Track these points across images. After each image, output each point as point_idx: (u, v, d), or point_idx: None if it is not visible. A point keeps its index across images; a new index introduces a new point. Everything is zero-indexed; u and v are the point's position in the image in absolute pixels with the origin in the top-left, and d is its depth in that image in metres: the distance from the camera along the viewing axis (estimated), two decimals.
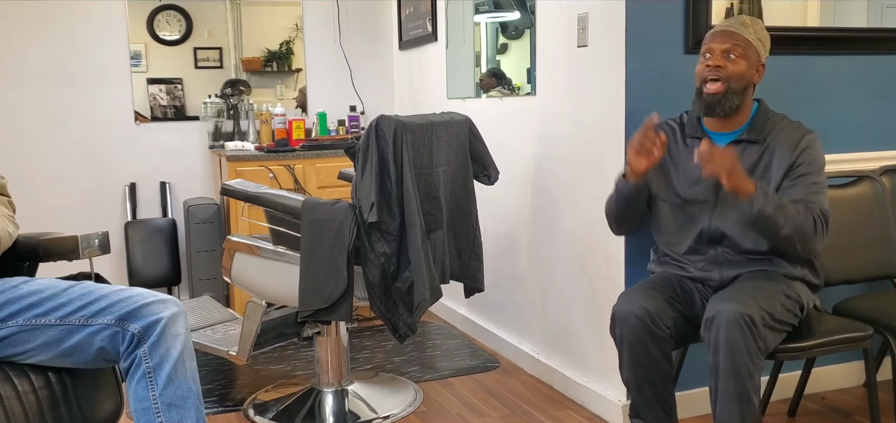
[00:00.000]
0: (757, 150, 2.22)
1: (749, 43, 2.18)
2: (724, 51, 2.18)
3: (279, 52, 4.54)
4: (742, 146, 2.22)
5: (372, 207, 2.42)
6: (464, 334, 3.81)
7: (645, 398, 2.17)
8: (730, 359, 1.95)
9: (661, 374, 2.15)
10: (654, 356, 2.12)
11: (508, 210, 3.39)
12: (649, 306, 2.11)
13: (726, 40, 2.18)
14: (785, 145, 2.19)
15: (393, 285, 2.51)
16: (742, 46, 2.17)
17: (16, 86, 3.98)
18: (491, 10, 3.79)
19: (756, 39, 2.20)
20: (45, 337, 1.70)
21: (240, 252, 2.74)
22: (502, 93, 3.61)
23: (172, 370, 1.68)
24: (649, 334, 2.10)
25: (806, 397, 2.77)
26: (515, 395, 3.02)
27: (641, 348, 2.11)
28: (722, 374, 1.97)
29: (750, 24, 2.21)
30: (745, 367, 1.95)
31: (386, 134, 2.46)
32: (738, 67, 2.17)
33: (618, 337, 2.16)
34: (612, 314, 2.17)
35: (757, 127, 2.24)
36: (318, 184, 3.88)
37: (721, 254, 2.24)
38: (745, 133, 2.24)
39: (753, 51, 2.19)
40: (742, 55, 2.17)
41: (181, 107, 4.39)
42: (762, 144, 2.22)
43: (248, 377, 3.24)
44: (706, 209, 2.24)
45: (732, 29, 2.20)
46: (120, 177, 4.23)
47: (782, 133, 2.22)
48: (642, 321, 2.09)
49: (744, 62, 2.17)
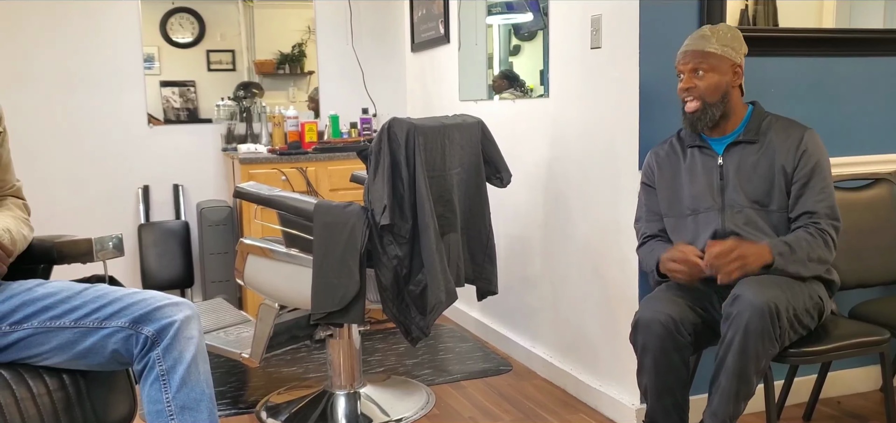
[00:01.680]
0: (754, 149, 2.25)
1: (712, 55, 2.21)
2: (691, 70, 2.23)
3: (292, 54, 4.55)
4: (740, 147, 2.25)
5: (384, 209, 2.42)
6: (476, 337, 3.81)
7: (664, 406, 2.16)
8: (743, 337, 1.96)
9: (680, 381, 2.15)
10: (675, 364, 2.12)
11: (521, 213, 3.38)
12: (673, 313, 2.10)
13: (689, 60, 2.24)
14: (785, 146, 2.22)
15: (405, 288, 2.51)
16: (707, 61, 2.21)
17: (31, 90, 4.01)
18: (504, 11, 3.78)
19: (721, 47, 2.21)
20: (59, 340, 1.71)
21: (253, 255, 2.74)
22: (515, 95, 3.60)
23: (186, 372, 1.68)
24: (672, 342, 2.09)
25: (821, 401, 2.75)
26: (528, 399, 3.01)
27: (664, 355, 2.10)
28: (732, 351, 1.98)
29: (711, 34, 2.23)
30: (755, 349, 1.97)
31: (398, 137, 2.45)
32: (708, 81, 2.21)
33: (640, 344, 2.15)
34: (635, 321, 2.15)
35: (752, 128, 2.27)
36: (331, 186, 3.88)
37: None
38: (741, 135, 2.27)
39: (720, 60, 2.21)
40: (709, 69, 2.21)
41: (194, 109, 4.41)
42: (760, 143, 2.25)
43: (260, 380, 3.25)
44: (714, 212, 2.25)
45: (693, 47, 2.23)
46: (133, 179, 4.25)
47: (780, 133, 2.24)
48: (666, 329, 2.08)
49: (713, 74, 2.21)
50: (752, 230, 2.20)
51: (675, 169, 2.33)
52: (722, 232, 2.23)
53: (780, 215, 2.22)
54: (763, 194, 2.22)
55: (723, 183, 2.25)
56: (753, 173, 2.23)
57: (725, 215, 2.23)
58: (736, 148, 2.26)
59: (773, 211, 2.22)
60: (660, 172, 2.36)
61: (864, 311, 2.47)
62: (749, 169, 2.23)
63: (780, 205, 2.22)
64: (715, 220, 2.24)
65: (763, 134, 2.25)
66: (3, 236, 1.75)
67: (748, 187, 2.23)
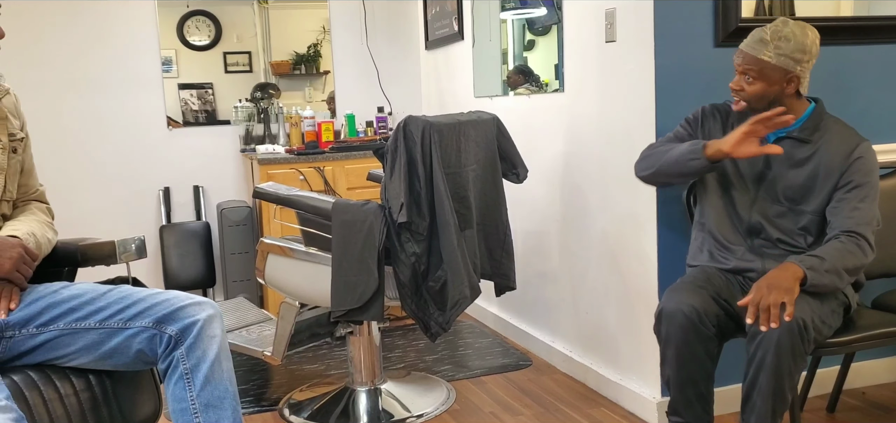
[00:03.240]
0: (806, 149, 2.19)
1: (765, 64, 2.12)
2: (741, 72, 2.17)
3: (307, 54, 4.58)
4: (790, 142, 2.20)
5: (401, 207, 2.43)
6: (495, 332, 3.81)
7: (686, 398, 2.15)
8: (775, 357, 1.92)
9: (704, 373, 2.13)
10: (698, 355, 2.10)
11: (538, 208, 3.38)
12: (696, 304, 2.08)
13: (741, 61, 2.17)
14: (837, 153, 2.16)
15: (424, 285, 2.52)
16: (756, 69, 2.13)
17: (52, 96, 4.06)
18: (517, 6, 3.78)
19: (777, 56, 2.11)
20: (85, 341, 1.73)
21: (273, 254, 2.77)
22: (530, 90, 3.60)
23: (209, 371, 1.70)
24: (696, 333, 2.08)
25: (845, 392, 2.73)
26: (548, 393, 3.02)
27: (687, 347, 2.09)
28: (765, 368, 1.95)
29: (771, 40, 2.12)
30: (788, 367, 1.94)
31: (414, 134, 2.47)
32: (755, 89, 2.14)
33: (664, 335, 2.13)
34: (658, 311, 2.14)
35: (809, 127, 2.20)
36: (348, 185, 3.91)
37: (762, 245, 2.23)
38: (795, 131, 2.20)
39: (773, 69, 2.12)
40: (757, 77, 2.13)
41: (212, 111, 4.44)
42: (812, 144, 2.19)
43: (282, 377, 3.28)
44: (747, 199, 2.24)
45: (748, 50, 2.15)
46: (154, 181, 4.30)
47: (835, 139, 2.18)
48: (689, 320, 2.07)
49: (761, 83, 2.13)
50: (777, 223, 2.19)
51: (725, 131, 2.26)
52: (748, 219, 2.22)
53: (812, 217, 2.18)
54: (800, 194, 2.19)
55: (763, 171, 2.22)
56: (797, 171, 2.19)
57: (757, 204, 2.22)
58: (786, 142, 2.19)
59: (806, 212, 2.19)
60: (706, 128, 2.30)
61: (887, 301, 2.45)
62: (793, 166, 2.19)
63: (815, 208, 2.17)
64: (748, 206, 2.23)
65: (818, 135, 2.19)
66: (28, 240, 1.78)
67: (786, 183, 2.20)
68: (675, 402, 2.18)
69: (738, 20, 2.54)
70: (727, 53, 2.56)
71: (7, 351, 1.71)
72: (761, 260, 2.21)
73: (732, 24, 2.54)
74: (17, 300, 1.73)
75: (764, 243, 2.23)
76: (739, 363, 2.41)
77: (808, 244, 2.19)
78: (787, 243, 2.21)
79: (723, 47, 2.55)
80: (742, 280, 2.23)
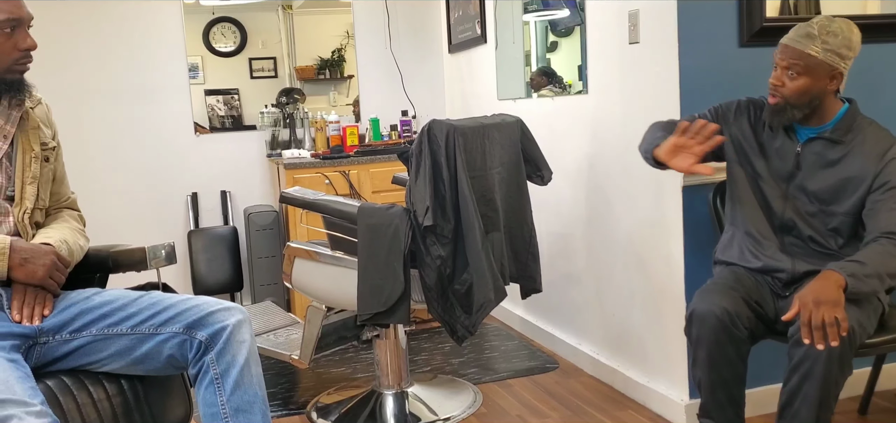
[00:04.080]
0: (838, 150, 2.16)
1: (813, 58, 2.06)
2: (784, 67, 2.11)
3: (331, 59, 4.61)
4: (822, 143, 2.17)
5: (427, 210, 2.44)
6: (521, 335, 3.81)
7: (717, 400, 2.13)
8: (825, 367, 1.88)
9: (736, 375, 2.11)
10: (730, 358, 2.08)
11: (563, 210, 3.37)
12: (728, 306, 2.06)
13: (786, 56, 2.10)
14: (870, 155, 2.12)
15: (450, 288, 2.53)
16: (802, 64, 2.07)
17: (81, 104, 4.13)
18: (540, 8, 3.78)
19: (824, 52, 2.06)
20: (117, 346, 1.77)
21: (299, 258, 2.79)
22: (553, 92, 3.60)
23: (239, 375, 1.72)
24: (727, 335, 2.05)
25: (877, 394, 2.69)
26: (575, 396, 3.01)
27: (718, 349, 2.07)
28: (812, 377, 1.90)
29: (818, 34, 2.07)
30: (836, 377, 1.90)
31: (438, 138, 2.47)
32: (798, 85, 2.09)
33: (694, 337, 2.11)
34: (690, 313, 2.12)
35: (841, 128, 2.16)
36: (373, 189, 3.93)
37: (793, 243, 2.20)
38: (827, 132, 2.16)
39: (819, 65, 2.07)
40: (802, 71, 2.08)
41: (238, 117, 4.49)
42: (844, 145, 2.15)
43: (310, 381, 3.30)
44: (779, 196, 2.21)
45: (794, 44, 2.09)
46: (182, 187, 4.35)
47: (869, 140, 2.14)
48: (721, 322, 2.04)
49: (805, 79, 2.08)
50: (810, 222, 2.17)
51: (755, 127, 2.25)
52: (781, 215, 2.20)
53: (843, 218, 2.15)
54: (831, 195, 2.16)
55: (793, 171, 2.20)
56: (828, 172, 2.15)
57: (789, 202, 2.20)
58: (818, 142, 2.17)
59: (838, 214, 2.15)
60: (731, 121, 2.28)
61: None
62: (825, 167, 2.16)
63: (846, 209, 2.14)
64: (778, 202, 2.21)
65: (850, 136, 2.15)
66: (60, 247, 1.82)
67: (817, 184, 2.17)
68: (706, 404, 2.17)
69: (763, 20, 2.52)
70: (752, 54, 2.54)
71: (41, 357, 1.75)
72: (791, 260, 2.19)
73: (757, 25, 2.52)
74: (50, 307, 1.77)
75: (795, 241, 2.21)
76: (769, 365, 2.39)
77: (839, 247, 2.16)
78: (819, 244, 2.18)
79: (747, 47, 2.54)
80: (771, 280, 2.21)
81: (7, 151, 1.85)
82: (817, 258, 2.16)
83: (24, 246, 1.76)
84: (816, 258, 2.16)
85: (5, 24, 1.76)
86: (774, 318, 2.16)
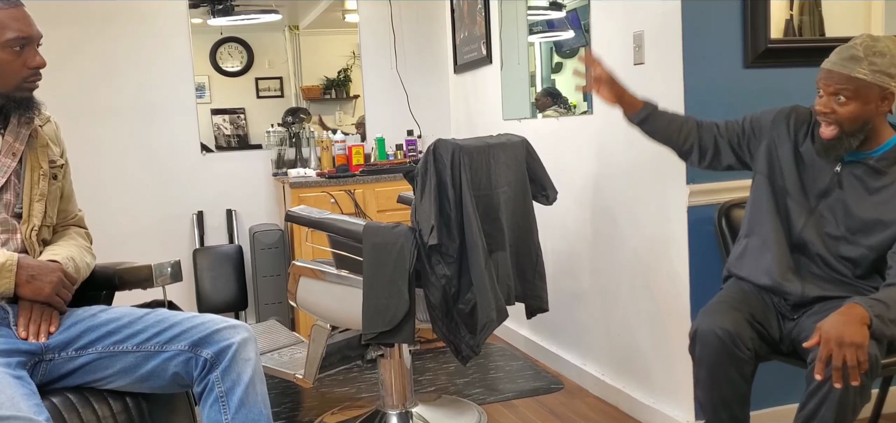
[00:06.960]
0: (880, 180, 2.07)
1: (861, 81, 1.97)
2: (832, 93, 2.02)
3: (337, 79, 4.64)
4: (865, 169, 2.08)
5: (432, 230, 2.44)
6: (526, 355, 3.80)
7: (720, 420, 2.11)
8: (844, 392, 1.84)
9: (738, 395, 2.08)
10: (731, 377, 2.06)
11: (568, 230, 3.37)
12: (730, 326, 2.04)
13: (831, 82, 2.01)
14: None
15: (455, 307, 2.53)
16: (851, 89, 1.98)
17: (90, 122, 4.15)
18: (545, 29, 3.80)
19: (873, 73, 1.96)
20: (122, 363, 1.77)
21: (304, 277, 2.79)
22: (558, 112, 3.61)
23: (244, 393, 1.72)
24: (729, 356, 2.03)
25: (884, 416, 2.67)
26: (580, 417, 3.00)
27: (720, 369, 2.05)
28: (829, 402, 1.86)
29: (864, 56, 1.97)
30: (854, 403, 1.87)
31: (443, 157, 2.48)
32: (849, 109, 2.00)
33: (697, 356, 2.10)
34: (692, 332, 2.11)
35: (888, 158, 2.06)
36: (378, 208, 3.93)
37: (804, 264, 2.17)
38: (873, 159, 2.07)
39: (869, 87, 1.98)
40: (852, 96, 1.99)
41: (245, 136, 4.51)
42: (887, 176, 2.06)
43: (314, 400, 3.29)
44: (803, 212, 2.16)
45: (839, 69, 2.00)
46: (188, 206, 4.36)
47: None
48: (723, 342, 2.03)
49: (855, 103, 1.99)
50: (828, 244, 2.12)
51: (795, 143, 2.18)
52: (797, 232, 2.16)
53: (867, 252, 2.07)
54: (861, 225, 2.08)
55: (828, 189, 2.13)
56: (865, 202, 2.07)
57: (813, 218, 2.14)
58: (860, 167, 2.08)
59: (862, 245, 2.08)
60: (778, 127, 2.21)
61: None
62: (862, 194, 2.07)
63: (872, 244, 2.06)
64: (800, 218, 2.15)
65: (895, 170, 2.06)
66: (67, 264, 1.83)
67: (850, 210, 2.09)
68: None
69: (768, 42, 2.53)
70: (757, 75, 2.56)
71: (47, 374, 1.75)
72: (802, 283, 2.15)
73: (762, 46, 2.53)
74: (56, 324, 1.78)
75: (807, 262, 2.16)
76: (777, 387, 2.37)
77: (855, 276, 2.10)
78: (832, 268, 2.13)
79: (752, 68, 2.55)
80: (779, 301, 2.19)
81: (15, 169, 1.86)
82: (830, 284, 2.13)
83: (31, 263, 1.77)
84: (828, 284, 2.13)
85: (15, 43, 1.78)
86: (779, 339, 2.15)
